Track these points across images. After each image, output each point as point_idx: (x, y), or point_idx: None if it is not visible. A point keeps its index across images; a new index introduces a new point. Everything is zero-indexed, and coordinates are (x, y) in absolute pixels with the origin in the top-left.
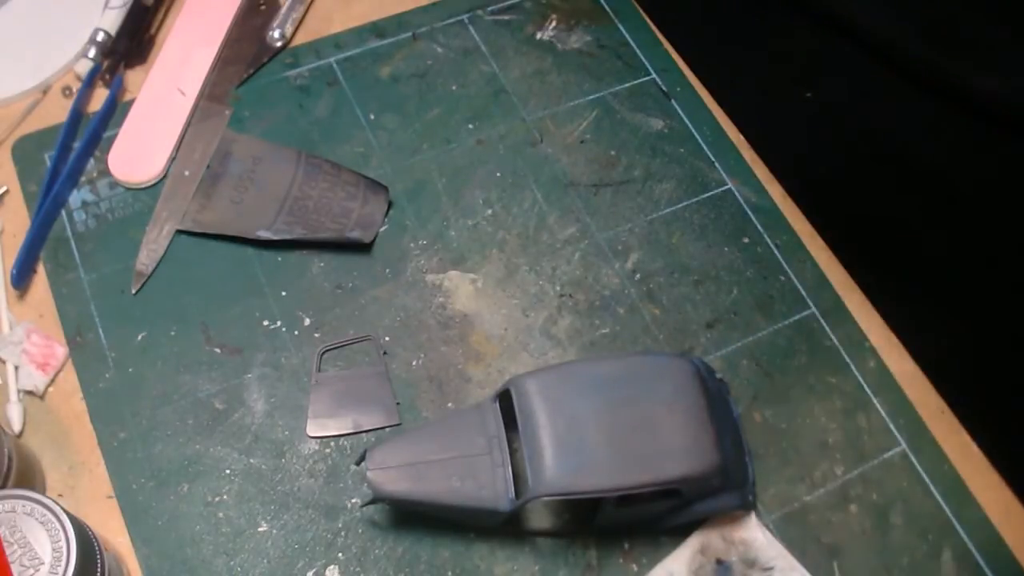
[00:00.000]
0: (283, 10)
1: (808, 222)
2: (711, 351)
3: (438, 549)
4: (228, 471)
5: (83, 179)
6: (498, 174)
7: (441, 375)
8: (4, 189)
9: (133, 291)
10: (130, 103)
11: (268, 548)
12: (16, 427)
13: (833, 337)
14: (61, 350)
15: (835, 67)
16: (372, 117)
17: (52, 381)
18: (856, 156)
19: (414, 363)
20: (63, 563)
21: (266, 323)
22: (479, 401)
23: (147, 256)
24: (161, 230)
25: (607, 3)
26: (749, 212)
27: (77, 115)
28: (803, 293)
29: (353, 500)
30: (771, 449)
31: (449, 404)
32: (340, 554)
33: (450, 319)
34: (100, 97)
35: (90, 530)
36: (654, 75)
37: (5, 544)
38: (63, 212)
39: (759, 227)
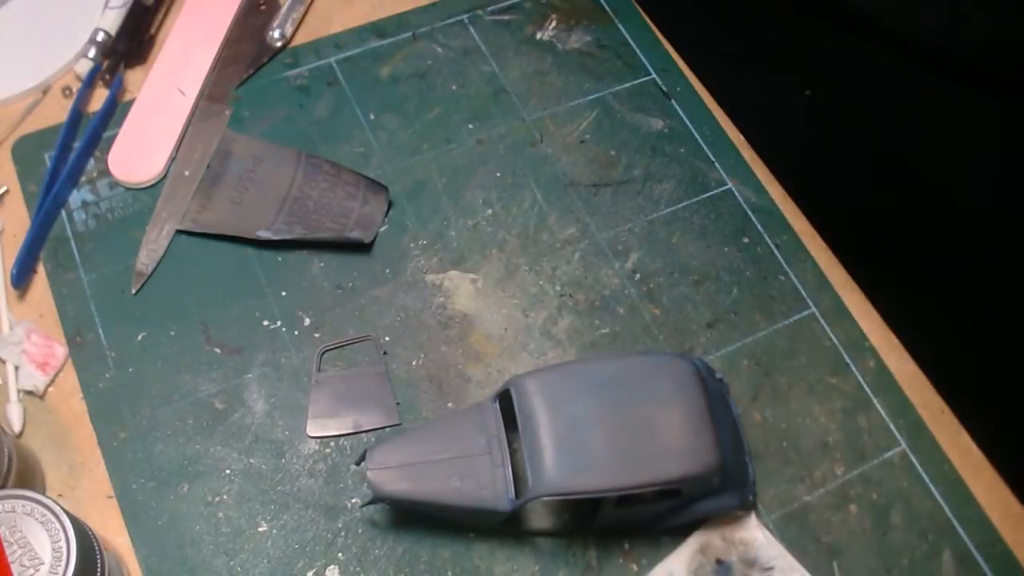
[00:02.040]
0: (283, 10)
1: (808, 222)
2: (711, 351)
3: (438, 549)
4: (228, 471)
5: (83, 179)
6: (498, 174)
7: (441, 375)
8: (4, 189)
9: (133, 291)
10: (130, 103)
11: (268, 548)
12: (16, 427)
13: (833, 337)
14: (61, 350)
15: (835, 66)
16: (372, 117)
17: (52, 381)
18: (856, 156)
19: (414, 363)
20: (63, 563)
21: (266, 323)
22: (479, 401)
23: (147, 256)
24: (161, 230)
25: (607, 3)
26: (749, 212)
27: (77, 115)
28: (803, 293)
29: (353, 500)
30: (771, 449)
31: (449, 404)
32: (340, 554)
33: (450, 319)
34: (100, 97)
35: (90, 530)
36: (654, 75)
37: (5, 544)
38: (63, 212)
39: (759, 227)
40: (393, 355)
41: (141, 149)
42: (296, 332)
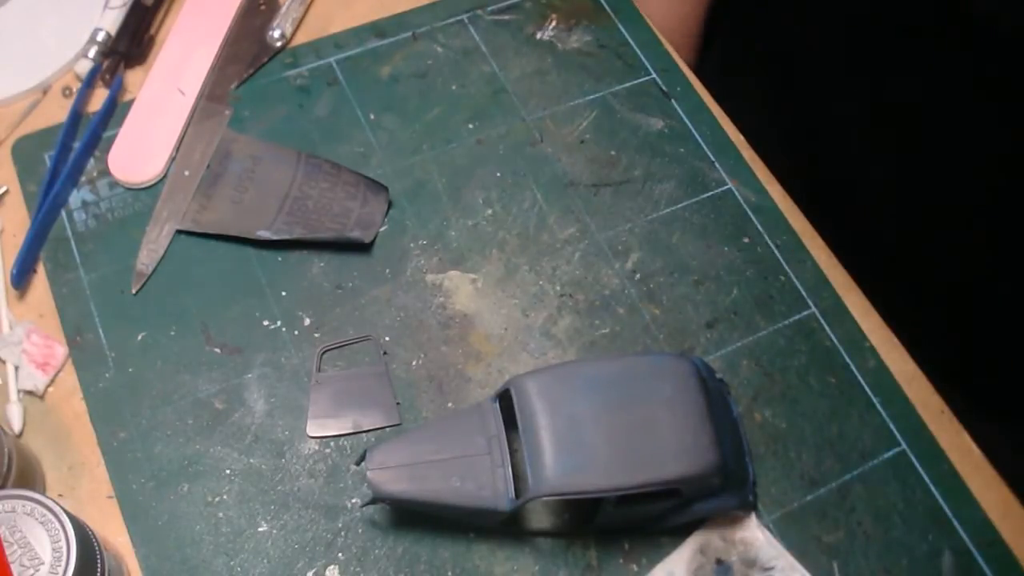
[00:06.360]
0: (283, 10)
1: (808, 222)
2: (711, 351)
3: (438, 549)
4: (228, 471)
5: (83, 179)
6: (498, 174)
7: (441, 375)
8: (4, 189)
9: (133, 291)
10: (130, 103)
11: (268, 548)
12: (16, 427)
13: (833, 337)
14: (61, 350)
15: (835, 66)
16: (372, 117)
17: (52, 381)
18: (856, 156)
19: (414, 363)
20: (63, 563)
21: (266, 323)
22: (479, 401)
23: (147, 256)
24: (161, 230)
25: (607, 3)
26: (749, 212)
27: (77, 115)
28: (803, 293)
29: (353, 500)
30: (771, 449)
31: (449, 404)
32: (340, 554)
33: (450, 319)
34: (100, 97)
35: (90, 530)
36: (654, 75)
37: (5, 544)
38: (63, 212)
39: (759, 227)
40: (393, 355)
41: (141, 149)
42: (296, 332)
